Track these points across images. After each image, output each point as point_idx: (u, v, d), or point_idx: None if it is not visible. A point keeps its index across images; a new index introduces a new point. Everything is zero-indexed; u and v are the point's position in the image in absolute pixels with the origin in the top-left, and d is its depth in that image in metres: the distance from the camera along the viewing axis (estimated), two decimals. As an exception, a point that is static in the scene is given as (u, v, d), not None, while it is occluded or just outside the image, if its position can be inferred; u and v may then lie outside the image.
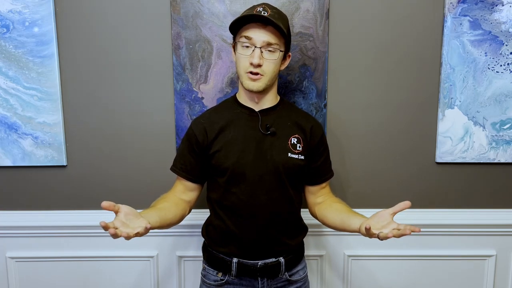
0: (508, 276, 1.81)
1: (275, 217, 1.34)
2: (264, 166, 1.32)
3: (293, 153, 1.34)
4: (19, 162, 1.70)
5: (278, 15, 1.28)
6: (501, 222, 1.75)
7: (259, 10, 1.27)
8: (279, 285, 1.40)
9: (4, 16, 1.60)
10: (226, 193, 1.34)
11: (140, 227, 1.07)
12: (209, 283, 1.41)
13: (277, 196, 1.33)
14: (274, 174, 1.32)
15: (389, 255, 1.78)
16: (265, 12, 1.26)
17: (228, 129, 1.34)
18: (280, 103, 1.40)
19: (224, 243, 1.37)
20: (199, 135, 1.35)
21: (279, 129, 1.34)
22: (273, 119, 1.35)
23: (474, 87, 1.65)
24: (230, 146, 1.32)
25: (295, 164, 1.34)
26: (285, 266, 1.37)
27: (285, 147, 1.33)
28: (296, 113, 1.41)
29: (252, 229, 1.33)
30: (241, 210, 1.33)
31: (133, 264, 1.78)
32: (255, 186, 1.32)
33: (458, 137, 1.69)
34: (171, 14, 1.61)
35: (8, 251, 1.77)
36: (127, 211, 1.08)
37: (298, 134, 1.36)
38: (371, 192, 1.74)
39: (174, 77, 1.65)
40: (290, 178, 1.35)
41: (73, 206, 1.75)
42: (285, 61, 1.36)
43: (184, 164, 1.38)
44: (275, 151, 1.32)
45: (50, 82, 1.64)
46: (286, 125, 1.36)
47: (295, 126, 1.36)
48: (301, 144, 1.35)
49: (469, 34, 1.62)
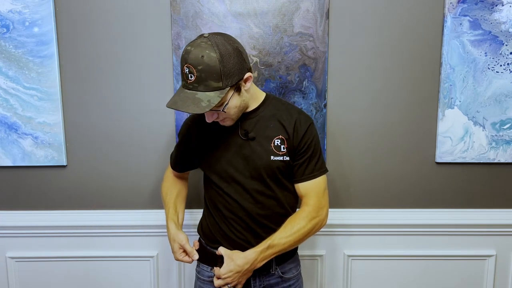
0: (508, 276, 1.81)
1: (263, 218, 1.35)
2: (246, 171, 1.32)
3: (276, 155, 1.31)
4: (19, 162, 1.70)
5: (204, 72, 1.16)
6: (501, 222, 1.75)
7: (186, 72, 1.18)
8: (272, 282, 1.40)
9: (4, 16, 1.60)
10: (216, 194, 1.37)
11: None
12: (203, 279, 1.44)
13: (263, 200, 1.34)
14: (257, 178, 1.32)
15: (389, 255, 1.78)
16: (191, 75, 1.17)
17: (210, 134, 1.36)
18: (264, 103, 1.34)
19: (216, 240, 1.39)
20: (186, 135, 1.42)
21: (261, 132, 1.32)
22: (254, 122, 1.32)
23: (474, 87, 1.65)
24: (213, 151, 1.35)
25: (278, 166, 1.31)
26: (275, 261, 1.38)
27: (268, 150, 1.31)
28: (281, 110, 1.34)
29: (241, 229, 1.35)
30: (229, 212, 1.35)
31: (133, 264, 1.78)
32: (240, 191, 1.33)
33: (458, 137, 1.69)
34: (171, 14, 1.61)
35: (8, 251, 1.77)
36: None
37: (281, 134, 1.32)
38: (371, 192, 1.74)
39: (174, 77, 1.65)
40: (276, 180, 1.34)
41: (73, 206, 1.75)
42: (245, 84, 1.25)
43: (175, 159, 1.51)
44: (257, 156, 1.31)
45: (50, 82, 1.64)
46: (268, 126, 1.32)
47: (279, 126, 1.32)
48: (285, 144, 1.32)
49: (469, 34, 1.62)
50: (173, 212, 1.42)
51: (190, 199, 1.69)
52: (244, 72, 1.22)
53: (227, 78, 1.18)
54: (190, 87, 1.19)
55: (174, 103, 1.20)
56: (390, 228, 1.75)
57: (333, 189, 1.71)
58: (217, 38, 1.19)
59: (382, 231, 1.75)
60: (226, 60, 1.17)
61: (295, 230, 1.30)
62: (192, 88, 1.19)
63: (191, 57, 1.16)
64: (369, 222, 1.74)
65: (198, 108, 1.17)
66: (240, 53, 1.21)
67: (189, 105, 1.17)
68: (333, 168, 1.68)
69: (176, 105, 1.19)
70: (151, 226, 1.73)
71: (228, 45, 1.19)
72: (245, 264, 1.28)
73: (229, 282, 1.29)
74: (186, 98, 1.19)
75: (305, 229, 1.31)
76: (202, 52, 1.16)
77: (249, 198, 1.33)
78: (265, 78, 1.64)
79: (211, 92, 1.18)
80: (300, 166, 1.33)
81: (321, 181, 1.35)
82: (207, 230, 1.42)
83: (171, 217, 1.41)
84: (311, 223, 1.31)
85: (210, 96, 1.17)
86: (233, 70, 1.19)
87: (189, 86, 1.19)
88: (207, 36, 1.19)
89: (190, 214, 1.68)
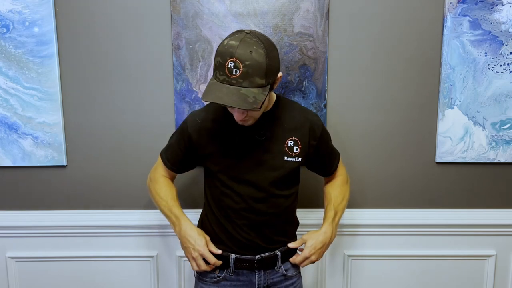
0: (508, 276, 1.81)
1: (271, 218, 1.35)
2: (259, 171, 1.32)
3: (290, 156, 1.32)
4: (19, 162, 1.70)
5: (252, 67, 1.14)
6: (501, 222, 1.75)
7: (230, 66, 1.14)
8: (276, 280, 1.41)
9: (4, 16, 1.60)
10: (222, 194, 1.36)
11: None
12: (205, 281, 1.41)
13: (273, 200, 1.34)
14: (270, 178, 1.32)
15: (389, 255, 1.78)
16: (236, 70, 1.14)
17: (223, 133, 1.34)
18: (277, 104, 1.36)
19: (220, 240, 1.37)
20: (193, 133, 1.35)
21: (275, 133, 1.32)
22: (268, 123, 1.33)
23: (474, 87, 1.65)
24: (225, 150, 1.33)
25: (291, 167, 1.33)
26: (281, 258, 1.39)
27: (281, 150, 1.32)
28: (293, 112, 1.37)
29: (247, 229, 1.35)
30: (237, 212, 1.35)
31: (133, 264, 1.78)
32: (251, 191, 1.33)
33: (458, 137, 1.69)
34: (171, 14, 1.61)
35: (8, 251, 1.77)
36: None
37: (295, 136, 1.34)
38: (371, 192, 1.74)
39: (174, 77, 1.65)
40: (287, 180, 1.35)
41: (73, 206, 1.75)
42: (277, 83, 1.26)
43: (171, 155, 1.43)
44: (271, 156, 1.32)
45: (50, 82, 1.64)
46: (282, 127, 1.34)
47: (292, 128, 1.34)
48: (299, 146, 1.33)
49: (469, 34, 1.62)
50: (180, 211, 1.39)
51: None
52: (279, 71, 1.25)
53: (270, 75, 1.19)
54: (233, 82, 1.15)
55: (219, 97, 1.14)
56: (390, 228, 1.75)
57: (333, 189, 1.71)
58: (259, 35, 1.19)
59: (382, 231, 1.75)
60: (271, 58, 1.18)
61: (343, 192, 1.48)
62: (235, 83, 1.15)
63: (238, 52, 1.13)
64: (369, 222, 1.74)
65: (246, 103, 1.14)
66: (278, 51, 1.23)
67: (236, 100, 1.14)
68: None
69: (222, 99, 1.14)
70: (151, 226, 1.73)
71: (270, 41, 1.20)
72: (326, 238, 1.37)
73: (314, 259, 1.37)
74: (230, 93, 1.15)
75: (348, 192, 1.51)
76: (250, 48, 1.15)
77: (260, 199, 1.33)
78: (265, 78, 1.64)
79: (255, 88, 1.16)
80: (328, 162, 1.47)
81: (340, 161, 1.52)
82: (210, 230, 1.40)
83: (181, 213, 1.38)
84: (348, 185, 1.53)
85: (255, 93, 1.16)
86: (275, 68, 1.21)
87: (232, 81, 1.15)
88: (249, 32, 1.18)
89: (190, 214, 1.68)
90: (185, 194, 1.70)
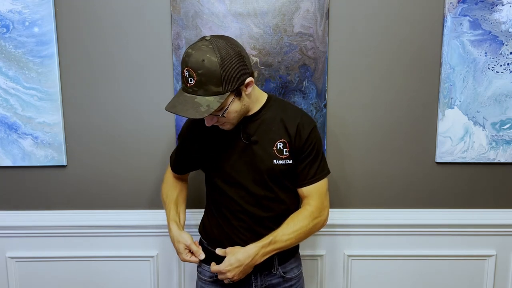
0: (508, 276, 1.81)
1: (267, 220, 1.35)
2: (249, 175, 1.32)
3: (279, 159, 1.31)
4: (19, 162, 1.70)
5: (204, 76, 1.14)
6: (501, 222, 1.75)
7: (186, 75, 1.16)
8: (274, 282, 1.40)
9: (4, 16, 1.60)
10: (220, 196, 1.37)
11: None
12: (204, 279, 1.44)
13: (267, 203, 1.34)
14: (260, 182, 1.32)
15: (389, 255, 1.78)
16: (191, 79, 1.15)
17: (213, 137, 1.34)
18: (266, 105, 1.32)
19: (220, 241, 1.38)
20: (187, 136, 1.41)
21: (263, 135, 1.31)
22: (257, 125, 1.31)
23: (474, 87, 1.65)
24: (215, 155, 1.34)
25: (281, 170, 1.31)
26: (277, 261, 1.38)
27: (270, 153, 1.30)
28: (283, 112, 1.33)
29: (244, 231, 1.35)
30: (233, 215, 1.35)
31: (133, 264, 1.78)
32: (243, 195, 1.33)
33: (458, 137, 1.69)
34: (171, 14, 1.61)
35: (8, 251, 1.77)
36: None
37: (284, 138, 1.31)
38: (371, 192, 1.74)
39: (174, 77, 1.65)
40: (279, 183, 1.33)
41: (73, 206, 1.75)
42: (246, 89, 1.23)
43: (176, 161, 1.49)
44: (259, 159, 1.31)
45: (50, 82, 1.64)
46: (271, 129, 1.31)
47: (281, 129, 1.31)
48: (288, 148, 1.31)
49: (469, 34, 1.62)
50: (174, 213, 1.41)
51: (191, 199, 1.68)
52: (246, 76, 1.20)
53: (228, 83, 1.16)
54: (189, 91, 1.18)
55: (173, 106, 1.19)
56: (390, 228, 1.75)
57: (333, 189, 1.71)
58: (219, 42, 1.17)
59: (382, 231, 1.75)
60: (227, 65, 1.15)
61: (297, 228, 1.31)
62: (191, 92, 1.17)
63: (191, 61, 1.15)
64: (369, 222, 1.74)
65: (197, 112, 1.15)
66: (241, 57, 1.19)
67: (188, 109, 1.16)
68: (333, 168, 1.67)
69: (175, 108, 1.18)
70: (151, 226, 1.73)
71: (230, 49, 1.17)
72: (246, 259, 1.27)
73: (229, 277, 1.28)
74: (185, 102, 1.17)
75: (306, 228, 1.32)
76: (203, 56, 1.14)
77: (253, 202, 1.33)
78: (265, 78, 1.64)
79: (210, 96, 1.16)
80: (303, 169, 1.33)
81: (324, 183, 1.36)
82: (210, 231, 1.41)
83: (173, 218, 1.40)
84: (313, 223, 1.33)
85: (210, 101, 1.16)
86: (234, 75, 1.17)
87: (188, 89, 1.18)
88: (208, 39, 1.17)
89: (191, 214, 1.68)
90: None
